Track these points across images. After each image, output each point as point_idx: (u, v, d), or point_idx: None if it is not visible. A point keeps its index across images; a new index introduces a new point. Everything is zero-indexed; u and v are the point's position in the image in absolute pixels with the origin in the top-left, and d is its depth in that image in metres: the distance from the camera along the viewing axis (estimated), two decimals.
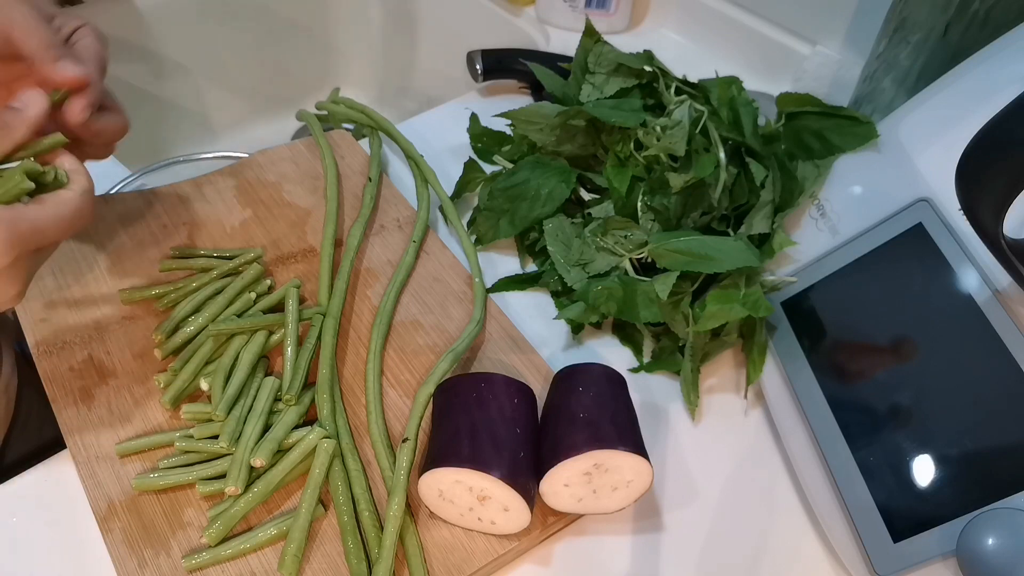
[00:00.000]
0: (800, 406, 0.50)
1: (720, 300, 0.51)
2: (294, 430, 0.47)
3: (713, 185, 0.56)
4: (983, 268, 0.43)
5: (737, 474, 0.51)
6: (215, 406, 0.47)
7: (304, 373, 0.50)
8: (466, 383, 0.46)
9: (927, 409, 0.43)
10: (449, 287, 0.58)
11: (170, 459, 0.47)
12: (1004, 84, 0.46)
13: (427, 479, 0.43)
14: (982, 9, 0.59)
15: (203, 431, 0.47)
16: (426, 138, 0.71)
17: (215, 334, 0.51)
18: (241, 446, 0.46)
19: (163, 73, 0.93)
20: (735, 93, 0.61)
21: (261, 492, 0.45)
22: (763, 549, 0.47)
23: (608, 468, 0.43)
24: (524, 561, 0.46)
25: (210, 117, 0.99)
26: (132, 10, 0.88)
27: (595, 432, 0.43)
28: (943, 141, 0.49)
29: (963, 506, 0.39)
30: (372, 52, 1.07)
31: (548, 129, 0.61)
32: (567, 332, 0.58)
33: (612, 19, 0.87)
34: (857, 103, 0.66)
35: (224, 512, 0.44)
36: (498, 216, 0.60)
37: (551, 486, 0.43)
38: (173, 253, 0.58)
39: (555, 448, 0.43)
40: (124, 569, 0.42)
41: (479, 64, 0.76)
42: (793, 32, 0.79)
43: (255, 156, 0.67)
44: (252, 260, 0.57)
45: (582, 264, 0.56)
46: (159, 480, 0.45)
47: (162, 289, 0.55)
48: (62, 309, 0.54)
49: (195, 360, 0.50)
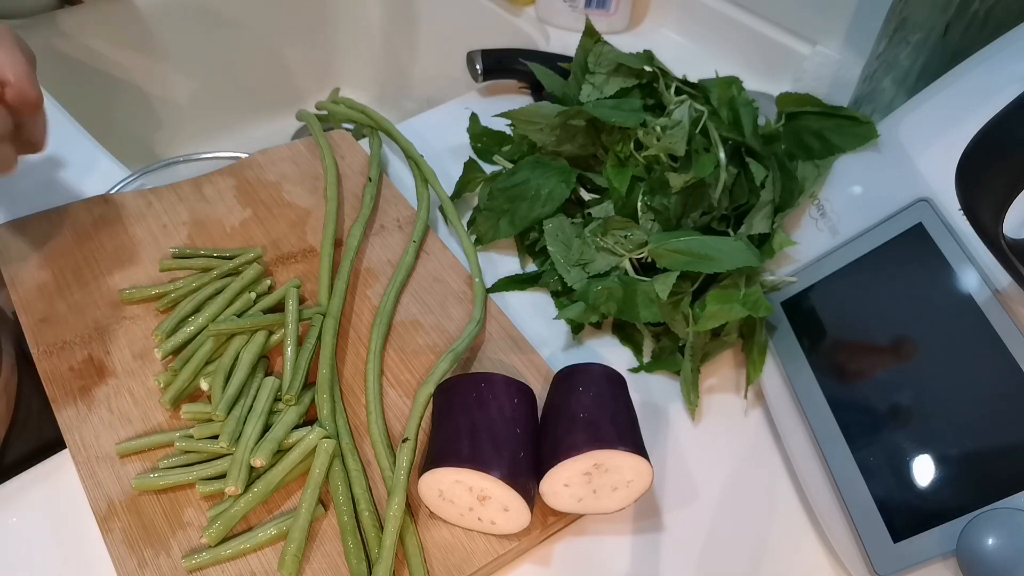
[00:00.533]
0: (800, 406, 0.50)
1: (720, 300, 0.51)
2: (294, 430, 0.47)
3: (713, 185, 0.56)
4: (983, 268, 0.43)
5: (737, 474, 0.51)
6: (215, 406, 0.47)
7: (304, 373, 0.50)
8: (466, 383, 0.46)
9: (927, 409, 0.43)
10: (449, 287, 0.58)
11: (170, 459, 0.47)
12: (1004, 84, 0.46)
13: (427, 479, 0.43)
14: (982, 9, 0.59)
15: (203, 431, 0.47)
16: (426, 138, 0.71)
17: (215, 334, 0.51)
18: (241, 446, 0.46)
19: (163, 73, 0.93)
20: (735, 93, 0.61)
21: (261, 492, 0.45)
22: (763, 549, 0.47)
23: (608, 468, 0.43)
24: (524, 561, 0.46)
25: (210, 117, 0.99)
26: (132, 10, 0.88)
27: (595, 432, 0.43)
28: (943, 141, 0.49)
29: (963, 506, 0.39)
30: (372, 52, 1.07)
31: (548, 129, 0.61)
32: (567, 332, 0.58)
33: (612, 19, 0.87)
34: (857, 103, 0.66)
35: (224, 512, 0.44)
36: (498, 216, 0.60)
37: (551, 486, 0.43)
38: (173, 253, 0.58)
39: (555, 448, 0.43)
40: (124, 569, 0.42)
41: (479, 64, 0.76)
42: (793, 32, 0.79)
43: (255, 156, 0.67)
44: (252, 260, 0.57)
45: (582, 264, 0.56)
46: (159, 480, 0.45)
47: (162, 289, 0.55)
48: (62, 309, 0.54)
49: (195, 360, 0.50)
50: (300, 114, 0.73)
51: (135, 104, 0.92)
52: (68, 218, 0.60)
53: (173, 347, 0.51)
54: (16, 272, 0.56)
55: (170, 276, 0.57)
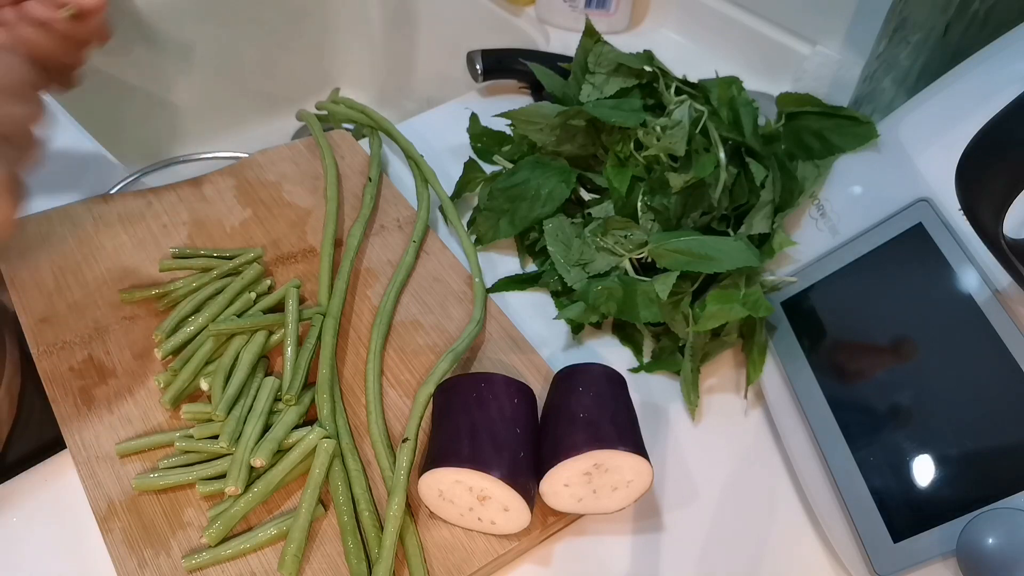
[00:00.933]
0: (800, 406, 0.50)
1: (720, 300, 0.51)
2: (294, 430, 0.47)
3: (713, 185, 0.56)
4: (983, 268, 0.43)
5: (737, 474, 0.51)
6: (215, 406, 0.47)
7: (304, 373, 0.50)
8: (466, 383, 0.46)
9: (927, 409, 0.43)
10: (449, 287, 0.58)
11: (170, 459, 0.47)
12: (1004, 84, 0.46)
13: (427, 479, 0.43)
14: (982, 9, 0.59)
15: (203, 431, 0.47)
16: (426, 138, 0.71)
17: (215, 334, 0.51)
18: (241, 446, 0.46)
19: (163, 73, 0.93)
20: (735, 93, 0.61)
21: (261, 492, 0.45)
22: (763, 549, 0.47)
23: (608, 468, 0.43)
24: (524, 561, 0.46)
25: (210, 117, 0.99)
26: (132, 10, 0.88)
27: (595, 432, 0.43)
28: (943, 141, 0.49)
29: (963, 506, 0.39)
30: (372, 52, 1.07)
31: (548, 129, 0.61)
32: (567, 332, 0.58)
33: (612, 19, 0.87)
34: (857, 103, 0.66)
35: (224, 512, 0.44)
36: (498, 216, 0.60)
37: (551, 486, 0.43)
38: (173, 253, 0.58)
39: (555, 448, 0.43)
40: (124, 569, 0.42)
41: (479, 64, 0.76)
42: (793, 32, 0.79)
43: (255, 156, 0.67)
44: (252, 260, 0.57)
45: (582, 264, 0.56)
46: (159, 480, 0.45)
47: (162, 289, 0.55)
48: (62, 309, 0.54)
49: (195, 360, 0.50)
50: (300, 114, 0.73)
51: (136, 104, 0.92)
52: (68, 218, 0.60)
53: (173, 347, 0.51)
54: (16, 272, 0.56)
55: (171, 276, 0.57)
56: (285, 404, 0.49)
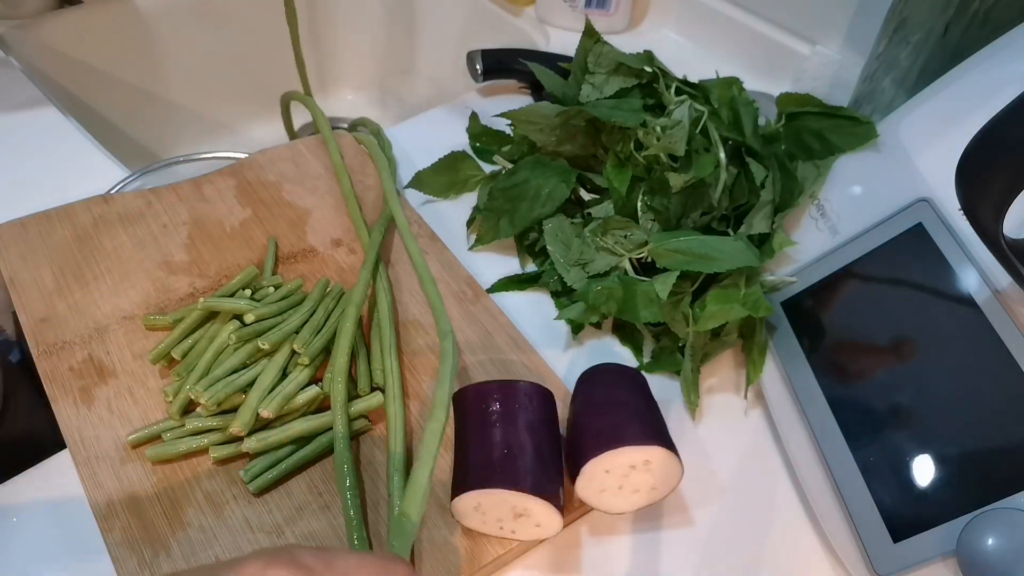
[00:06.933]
0: (800, 406, 0.50)
1: (720, 300, 0.51)
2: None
3: (713, 185, 0.56)
4: (983, 268, 0.43)
5: (737, 474, 0.51)
6: (211, 400, 0.47)
7: (323, 336, 0.51)
8: (496, 392, 0.45)
9: (927, 409, 0.43)
10: (449, 287, 0.58)
11: (177, 432, 0.47)
12: (1004, 84, 0.46)
13: (473, 495, 0.42)
14: (982, 9, 0.59)
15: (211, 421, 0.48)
16: (426, 138, 0.71)
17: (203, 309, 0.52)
18: (254, 392, 0.47)
19: (163, 73, 0.93)
20: (735, 93, 0.61)
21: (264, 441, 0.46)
22: (763, 549, 0.47)
23: (653, 469, 0.43)
24: (524, 561, 0.46)
25: (210, 117, 0.99)
26: (132, 10, 0.88)
27: (661, 431, 0.44)
28: (943, 141, 0.49)
29: (963, 506, 0.39)
30: (372, 52, 1.07)
31: (548, 129, 0.61)
32: (567, 332, 0.58)
33: (612, 19, 0.87)
34: (857, 103, 0.66)
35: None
36: (498, 216, 0.60)
37: (599, 466, 0.42)
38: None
39: (618, 432, 0.42)
40: (124, 569, 0.42)
41: (479, 64, 0.76)
42: (793, 32, 0.79)
43: (255, 156, 0.67)
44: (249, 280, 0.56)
45: (582, 264, 0.56)
46: (172, 448, 0.46)
47: (181, 312, 0.54)
48: (62, 309, 0.54)
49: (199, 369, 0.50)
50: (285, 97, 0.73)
51: (135, 104, 0.92)
52: (68, 218, 0.60)
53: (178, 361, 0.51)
54: (16, 272, 0.56)
55: (188, 294, 0.57)
56: (300, 364, 0.50)
